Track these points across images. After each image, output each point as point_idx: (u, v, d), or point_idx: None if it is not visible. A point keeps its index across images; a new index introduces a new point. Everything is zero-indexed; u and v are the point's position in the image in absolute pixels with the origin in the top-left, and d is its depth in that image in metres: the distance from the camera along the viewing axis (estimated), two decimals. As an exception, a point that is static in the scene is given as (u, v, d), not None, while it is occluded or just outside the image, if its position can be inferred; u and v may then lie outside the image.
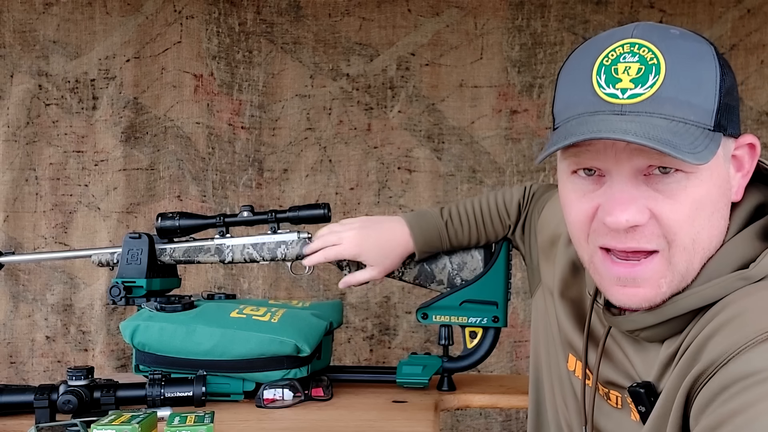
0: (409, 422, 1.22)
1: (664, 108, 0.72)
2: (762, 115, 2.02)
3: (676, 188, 0.74)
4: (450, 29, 2.11)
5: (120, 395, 1.20)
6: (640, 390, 0.81)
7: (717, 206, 0.77)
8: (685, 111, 0.72)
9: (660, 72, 0.72)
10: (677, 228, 0.75)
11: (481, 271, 1.38)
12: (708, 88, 0.73)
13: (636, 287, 0.79)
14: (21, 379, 2.08)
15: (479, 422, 2.12)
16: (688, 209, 0.75)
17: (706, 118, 0.73)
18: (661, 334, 0.81)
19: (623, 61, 0.74)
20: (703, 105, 0.73)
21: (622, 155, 0.74)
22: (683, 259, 0.77)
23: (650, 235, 0.76)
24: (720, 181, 0.76)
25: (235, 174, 2.12)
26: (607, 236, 0.79)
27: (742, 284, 0.75)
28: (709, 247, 0.78)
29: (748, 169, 0.79)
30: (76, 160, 2.11)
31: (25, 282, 2.10)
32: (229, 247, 1.45)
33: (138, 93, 2.11)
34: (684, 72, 0.73)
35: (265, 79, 2.12)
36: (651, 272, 0.78)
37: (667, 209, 0.75)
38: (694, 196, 0.75)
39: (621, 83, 0.73)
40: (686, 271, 0.78)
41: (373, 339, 2.13)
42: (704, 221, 0.76)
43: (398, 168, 2.13)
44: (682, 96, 0.72)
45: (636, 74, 0.73)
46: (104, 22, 2.09)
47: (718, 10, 2.04)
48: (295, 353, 1.33)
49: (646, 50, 0.74)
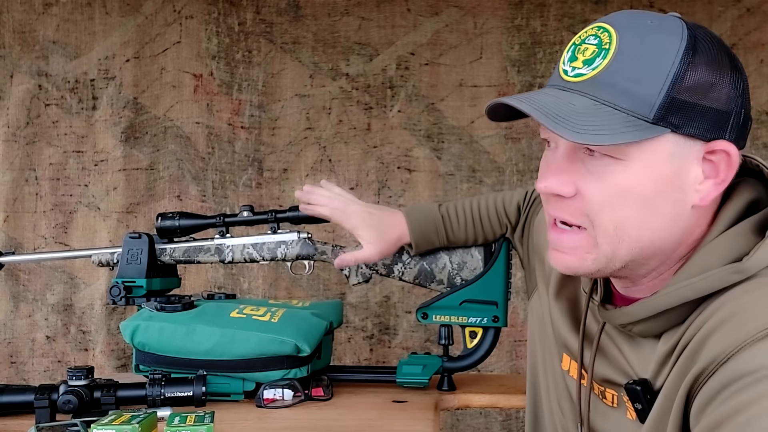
0: (409, 422, 1.22)
1: (598, 91, 0.74)
2: (762, 115, 2.02)
3: (602, 171, 0.76)
4: (449, 29, 2.11)
5: (120, 395, 1.20)
6: (637, 387, 0.81)
7: (651, 202, 0.76)
8: (618, 98, 0.73)
9: (607, 57, 0.75)
10: (598, 209, 0.77)
11: (481, 271, 1.38)
12: (654, 81, 0.73)
13: (562, 253, 0.82)
14: (21, 379, 2.08)
15: (479, 422, 2.12)
16: (610, 193, 0.76)
17: (644, 110, 0.73)
18: (654, 328, 0.81)
19: (585, 43, 0.78)
20: (642, 96, 0.73)
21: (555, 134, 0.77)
22: (606, 243, 0.78)
23: (574, 210, 0.79)
24: (657, 177, 0.75)
25: (235, 174, 2.12)
26: (546, 202, 0.83)
27: (737, 277, 0.75)
28: (640, 241, 0.78)
29: (723, 178, 0.76)
30: (76, 160, 2.11)
31: (25, 282, 2.10)
32: (229, 247, 1.45)
33: (138, 93, 2.11)
34: (631, 60, 0.74)
35: (265, 78, 2.12)
36: (575, 244, 0.80)
37: (591, 189, 0.77)
38: (619, 182, 0.75)
39: (576, 62, 0.77)
40: (612, 255, 0.79)
41: (373, 339, 2.13)
42: (630, 211, 0.76)
43: (398, 167, 2.13)
44: (621, 84, 0.73)
45: (589, 56, 0.76)
46: (104, 22, 2.09)
47: (717, 9, 2.03)
48: (295, 353, 1.33)
49: (607, 35, 0.76)
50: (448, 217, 1.37)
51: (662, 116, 0.73)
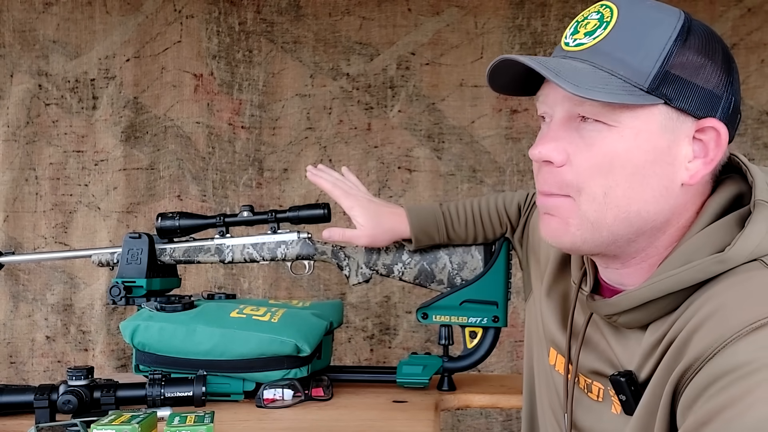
0: (410, 422, 1.22)
1: (597, 58, 0.78)
2: (762, 114, 2.01)
3: (594, 136, 0.79)
4: (450, 28, 2.10)
5: (120, 395, 1.20)
6: (621, 378, 0.82)
7: (641, 171, 0.79)
8: (616, 66, 0.77)
9: (607, 28, 0.79)
10: (587, 175, 0.79)
11: (481, 271, 1.38)
12: (650, 53, 0.76)
13: (551, 216, 0.84)
14: (21, 379, 2.08)
15: (480, 422, 2.11)
16: (600, 159, 0.79)
17: (640, 78, 0.76)
18: (639, 319, 0.82)
19: (588, 18, 0.82)
20: (638, 66, 0.76)
21: (557, 99, 0.81)
22: (592, 209, 0.80)
23: (561, 181, 0.82)
24: (649, 147, 0.78)
25: (235, 174, 2.12)
26: (537, 173, 0.86)
27: (720, 267, 0.76)
28: (629, 211, 0.80)
29: (712, 158, 0.79)
30: (76, 160, 2.11)
31: (25, 282, 2.10)
32: (229, 247, 1.45)
33: (138, 92, 2.11)
34: (630, 32, 0.78)
35: (265, 78, 2.12)
36: (560, 207, 0.83)
37: (581, 156, 0.80)
38: (610, 148, 0.78)
39: (578, 35, 0.81)
40: (596, 222, 0.81)
41: (374, 339, 2.13)
42: (620, 178, 0.79)
43: (398, 167, 2.13)
44: (618, 53, 0.77)
45: (590, 28, 0.80)
46: (104, 21, 2.09)
47: (718, 9, 2.03)
48: (295, 353, 1.33)
49: (608, 10, 0.80)
50: (449, 214, 1.38)
51: (656, 87, 0.76)
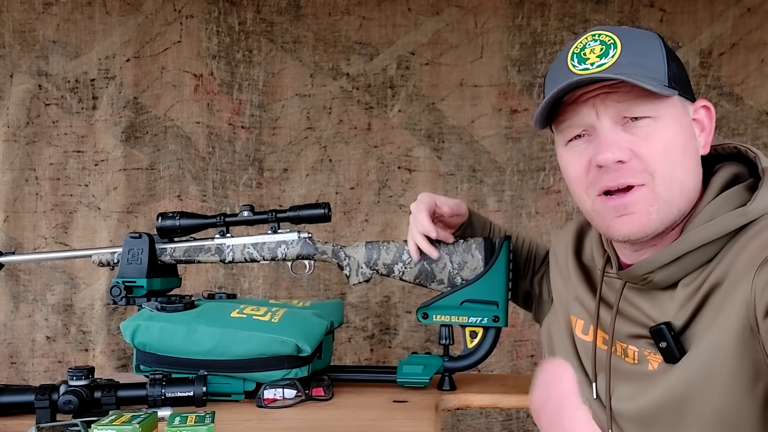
0: (410, 422, 1.22)
1: (625, 69, 0.91)
2: (762, 114, 2.01)
3: (648, 131, 0.92)
4: (450, 28, 2.10)
5: (121, 395, 1.20)
6: (662, 326, 0.93)
7: (686, 148, 0.95)
8: (641, 70, 0.91)
9: (617, 47, 0.93)
10: (657, 161, 0.92)
11: (481, 271, 1.38)
12: (656, 57, 0.93)
13: (630, 214, 0.95)
14: (21, 379, 2.08)
15: (480, 422, 2.12)
16: (661, 147, 0.92)
17: (660, 76, 0.92)
18: (673, 274, 0.94)
19: (588, 47, 0.95)
20: (655, 67, 0.92)
21: (600, 109, 0.94)
22: (665, 188, 0.93)
23: (634, 171, 0.93)
24: (684, 128, 0.95)
25: (235, 173, 2.12)
26: (602, 178, 0.95)
27: (743, 219, 0.89)
28: (686, 183, 0.94)
29: (709, 129, 0.98)
30: (76, 160, 2.11)
31: (25, 282, 2.10)
32: (230, 246, 1.45)
33: (138, 93, 2.11)
34: (635, 45, 0.93)
35: (265, 78, 2.12)
36: (639, 200, 0.94)
37: (645, 148, 0.92)
38: (664, 136, 0.92)
39: (589, 60, 0.94)
40: (669, 200, 0.93)
41: (374, 338, 2.13)
42: (677, 158, 0.93)
43: (398, 167, 2.13)
44: (637, 60, 0.92)
45: (600, 52, 0.93)
46: (104, 21, 2.09)
47: (718, 9, 2.03)
48: (295, 353, 1.33)
49: (605, 35, 0.94)
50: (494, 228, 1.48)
51: (670, 82, 0.92)
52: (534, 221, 2.09)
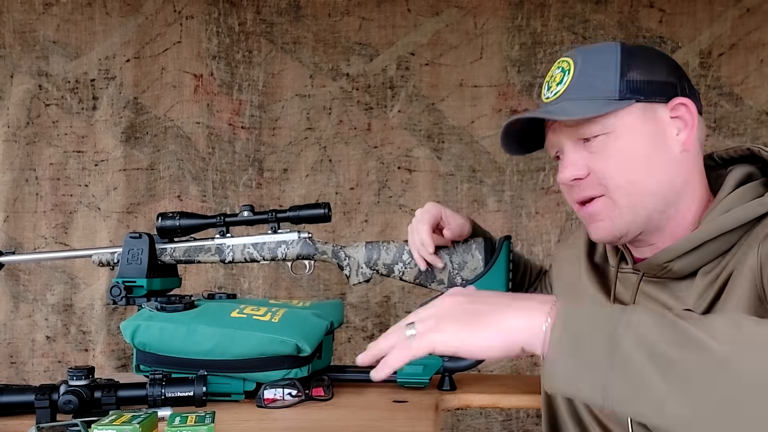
0: (410, 422, 1.22)
1: (573, 94, 1.01)
2: (762, 115, 2.02)
3: (601, 147, 1.00)
4: (450, 29, 2.11)
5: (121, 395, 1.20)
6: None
7: (643, 153, 0.99)
8: (588, 91, 1.00)
9: (571, 73, 1.02)
10: (609, 175, 1.00)
11: (481, 271, 1.38)
12: (607, 73, 0.99)
13: (597, 221, 1.04)
14: (21, 379, 2.08)
15: (479, 422, 2.12)
16: (614, 160, 0.99)
17: (610, 93, 0.99)
18: (692, 263, 0.97)
19: (553, 74, 1.06)
20: (602, 85, 0.99)
21: (561, 133, 1.04)
22: (622, 196, 1.00)
23: (592, 184, 1.02)
24: (645, 133, 0.99)
25: (235, 174, 2.12)
26: (571, 191, 1.06)
27: (762, 209, 0.92)
28: (649, 184, 0.99)
29: (692, 124, 1.00)
30: (76, 160, 2.11)
31: (25, 282, 2.10)
32: (230, 246, 1.45)
33: (138, 93, 2.11)
34: (588, 67, 1.01)
35: (265, 79, 2.13)
36: (601, 209, 1.02)
37: (597, 163, 1.01)
38: (618, 148, 0.99)
39: (551, 88, 1.05)
40: (631, 205, 1.00)
41: (373, 339, 2.12)
42: (636, 165, 0.99)
43: (398, 168, 2.13)
44: (587, 84, 1.00)
45: (558, 80, 1.04)
46: (104, 22, 2.09)
47: (717, 9, 2.04)
48: (295, 353, 1.33)
49: (566, 63, 1.04)
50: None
51: (625, 94, 0.98)
52: (534, 221, 2.09)
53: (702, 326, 0.67)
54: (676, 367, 0.66)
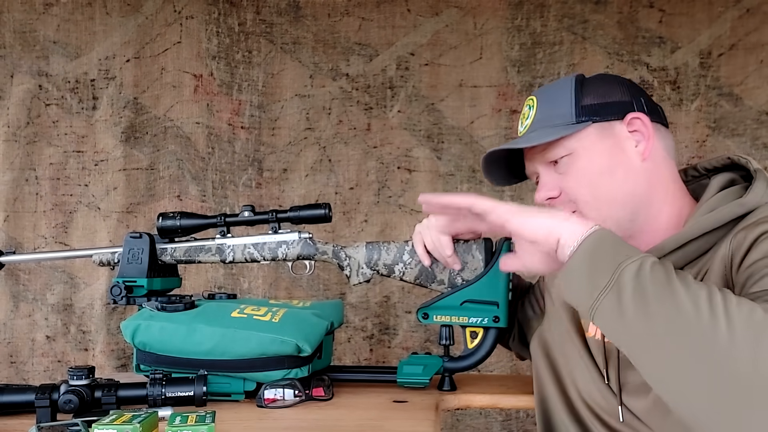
0: (410, 422, 1.22)
1: (537, 125, 1.14)
2: (762, 115, 2.02)
3: (566, 167, 1.12)
4: (449, 29, 2.11)
5: (121, 395, 1.20)
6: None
7: (604, 168, 1.09)
8: (550, 120, 1.12)
9: (533, 108, 1.16)
10: (575, 192, 1.11)
11: (482, 271, 1.38)
12: (564, 102, 1.11)
13: None
14: (21, 378, 2.08)
15: (479, 422, 2.12)
16: (578, 177, 1.10)
17: (568, 119, 1.10)
18: (677, 261, 1.00)
19: (523, 113, 1.19)
20: (560, 113, 1.11)
21: (535, 162, 1.17)
22: (591, 210, 1.09)
23: (564, 202, 1.13)
24: (605, 150, 1.09)
25: (235, 174, 2.12)
26: None
27: (741, 210, 0.98)
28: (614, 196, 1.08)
29: (649, 134, 1.09)
30: (76, 160, 2.11)
31: (25, 282, 2.10)
32: (230, 246, 1.45)
33: (138, 93, 2.11)
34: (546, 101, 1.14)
35: (265, 79, 2.13)
36: None
37: (566, 183, 1.12)
38: (580, 167, 1.10)
39: (522, 124, 1.18)
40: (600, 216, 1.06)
41: (373, 339, 2.13)
42: (599, 180, 1.09)
43: (398, 168, 2.13)
44: (546, 113, 1.13)
45: (526, 114, 1.17)
46: (104, 22, 2.09)
47: (717, 10, 2.04)
48: (296, 353, 1.33)
49: (531, 101, 1.17)
50: None
51: (581, 118, 1.10)
52: (533, 222, 2.09)
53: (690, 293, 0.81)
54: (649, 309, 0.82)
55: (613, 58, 2.07)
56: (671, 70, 2.06)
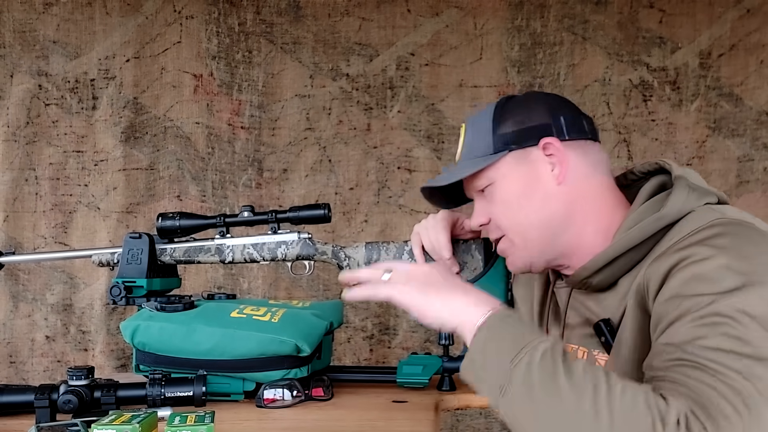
0: (410, 422, 1.22)
1: (465, 156, 1.16)
2: (762, 115, 2.02)
3: (491, 197, 1.13)
4: (449, 29, 2.11)
5: (120, 395, 1.20)
6: (600, 323, 1.04)
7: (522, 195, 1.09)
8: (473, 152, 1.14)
9: (461, 138, 1.18)
10: (500, 218, 1.13)
11: (481, 271, 1.38)
12: (483, 134, 1.12)
13: (508, 256, 1.15)
14: (21, 378, 2.08)
15: (479, 422, 2.12)
16: (500, 205, 1.12)
17: (487, 150, 1.11)
18: (609, 276, 1.04)
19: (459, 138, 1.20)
20: (482, 145, 1.12)
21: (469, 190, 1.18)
22: (516, 235, 1.11)
23: (494, 228, 1.15)
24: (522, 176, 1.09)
25: (235, 174, 2.12)
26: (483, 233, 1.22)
27: (660, 223, 0.98)
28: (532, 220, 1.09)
29: (561, 159, 1.07)
30: (75, 160, 2.11)
31: (25, 282, 2.10)
32: (230, 247, 1.45)
33: (138, 93, 2.11)
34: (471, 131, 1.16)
35: (265, 79, 2.13)
36: (505, 247, 1.14)
37: (492, 210, 1.14)
38: (501, 195, 1.11)
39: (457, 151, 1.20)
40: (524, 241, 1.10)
41: (373, 339, 2.13)
42: (519, 206, 1.09)
43: (398, 168, 2.13)
44: (470, 145, 1.16)
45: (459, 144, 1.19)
46: (104, 22, 2.09)
47: (717, 10, 2.04)
48: (295, 353, 1.33)
49: (462, 129, 1.19)
50: None
51: (498, 147, 1.10)
52: (533, 222, 2.09)
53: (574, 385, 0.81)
54: (534, 404, 0.83)
55: (613, 59, 2.07)
56: (671, 71, 2.06)
